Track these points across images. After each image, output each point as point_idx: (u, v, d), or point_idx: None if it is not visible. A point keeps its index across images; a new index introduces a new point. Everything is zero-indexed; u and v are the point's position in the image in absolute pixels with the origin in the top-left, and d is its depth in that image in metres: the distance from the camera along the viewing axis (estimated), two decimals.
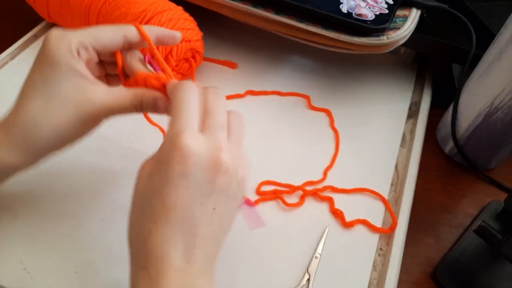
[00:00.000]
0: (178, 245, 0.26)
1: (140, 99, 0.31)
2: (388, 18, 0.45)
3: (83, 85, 0.30)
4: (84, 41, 0.30)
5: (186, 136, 0.26)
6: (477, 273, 0.40)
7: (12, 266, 0.36)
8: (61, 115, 0.30)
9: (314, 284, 0.37)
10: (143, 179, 0.28)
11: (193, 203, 0.26)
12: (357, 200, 0.43)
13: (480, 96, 0.43)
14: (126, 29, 0.32)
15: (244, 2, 0.47)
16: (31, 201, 0.40)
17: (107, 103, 0.30)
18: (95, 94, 0.30)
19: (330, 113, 0.50)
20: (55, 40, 0.30)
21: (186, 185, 0.26)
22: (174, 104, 0.28)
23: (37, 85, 0.30)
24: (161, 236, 0.26)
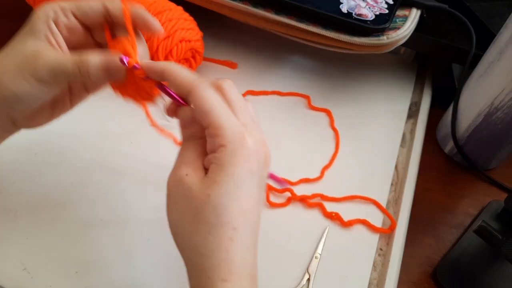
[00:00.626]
0: (252, 249, 0.27)
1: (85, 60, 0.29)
2: (388, 18, 0.45)
3: (40, 44, 0.30)
4: (64, 6, 0.30)
5: (247, 138, 0.26)
6: (477, 273, 0.40)
7: (12, 266, 0.36)
8: (8, 67, 0.29)
9: (314, 284, 0.37)
10: (197, 188, 0.26)
11: (259, 201, 0.27)
12: (356, 201, 0.43)
13: (480, 96, 0.43)
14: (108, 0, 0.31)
15: (244, 2, 0.47)
16: (31, 201, 0.40)
17: (48, 61, 0.29)
18: (45, 52, 0.29)
19: (330, 113, 0.50)
20: (41, 6, 0.30)
21: (254, 183, 0.27)
22: (205, 110, 0.27)
23: (10, 43, 0.31)
24: (241, 242, 0.26)
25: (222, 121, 0.26)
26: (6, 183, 0.41)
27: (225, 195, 0.26)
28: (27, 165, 0.42)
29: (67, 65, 0.29)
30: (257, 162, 0.27)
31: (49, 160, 0.43)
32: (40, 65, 0.29)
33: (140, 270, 0.37)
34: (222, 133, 0.26)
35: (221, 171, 0.26)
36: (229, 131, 0.26)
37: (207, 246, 0.26)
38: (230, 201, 0.26)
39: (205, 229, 0.26)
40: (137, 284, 0.36)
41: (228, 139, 0.26)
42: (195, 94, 0.27)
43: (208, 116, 0.27)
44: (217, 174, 0.26)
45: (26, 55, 0.29)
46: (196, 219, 0.26)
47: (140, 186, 0.42)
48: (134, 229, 0.39)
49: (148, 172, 0.43)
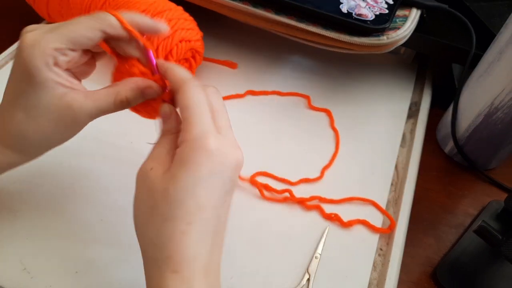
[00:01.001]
0: (207, 245, 0.27)
1: (123, 98, 0.31)
2: (388, 18, 0.45)
3: (61, 93, 0.29)
4: (59, 46, 0.28)
5: (212, 138, 0.27)
6: (477, 273, 0.40)
7: (12, 266, 0.36)
8: (44, 123, 0.30)
9: (314, 284, 0.37)
10: (158, 182, 0.27)
11: (219, 201, 0.27)
12: (356, 201, 0.43)
13: (480, 96, 0.43)
14: (104, 22, 0.29)
15: (244, 2, 0.47)
16: (31, 201, 0.40)
17: (87, 108, 0.30)
18: (74, 101, 0.30)
19: (330, 113, 0.50)
20: (29, 50, 0.28)
21: (216, 184, 0.27)
22: (186, 105, 0.28)
23: (16, 96, 0.30)
24: (195, 237, 0.26)
25: (194, 118, 0.27)
26: (6, 183, 0.41)
27: (181, 190, 0.26)
28: (27, 165, 0.42)
29: (110, 107, 0.31)
30: (223, 165, 0.27)
31: (49, 160, 0.43)
32: (83, 118, 0.30)
33: (140, 270, 0.37)
34: (189, 129, 0.27)
35: (181, 166, 0.27)
36: (197, 129, 0.27)
37: (159, 238, 0.27)
38: (187, 196, 0.26)
39: (159, 221, 0.27)
40: (137, 284, 0.36)
41: (192, 136, 0.27)
42: (184, 89, 0.28)
43: (185, 111, 0.28)
44: (177, 169, 0.27)
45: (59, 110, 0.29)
46: (152, 211, 0.27)
47: None
48: (133, 229, 0.39)
49: None
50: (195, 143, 0.27)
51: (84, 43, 0.29)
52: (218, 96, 0.30)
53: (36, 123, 0.30)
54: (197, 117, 0.27)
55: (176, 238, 0.26)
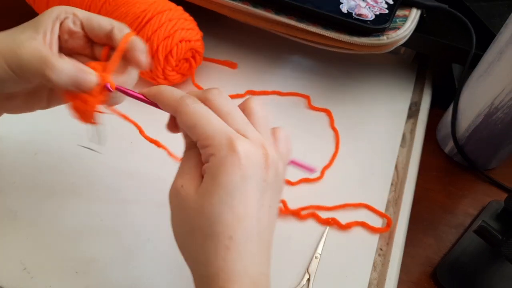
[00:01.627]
0: (253, 256, 0.26)
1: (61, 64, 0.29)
2: (388, 18, 0.45)
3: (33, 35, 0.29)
4: (77, 13, 0.31)
5: (236, 142, 0.26)
6: (477, 273, 0.40)
7: (12, 266, 0.36)
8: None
9: (314, 284, 0.37)
10: (191, 199, 0.26)
11: (257, 206, 0.26)
12: (357, 198, 0.43)
13: (480, 96, 0.43)
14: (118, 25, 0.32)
15: (244, 2, 0.47)
16: (32, 201, 0.40)
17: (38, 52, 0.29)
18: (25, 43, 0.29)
19: (330, 113, 0.50)
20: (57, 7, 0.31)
21: (250, 189, 0.26)
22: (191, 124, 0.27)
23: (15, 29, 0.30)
24: (238, 249, 0.25)
25: (208, 131, 0.26)
26: (6, 183, 0.41)
27: (217, 204, 0.25)
28: (27, 165, 0.42)
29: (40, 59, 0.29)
30: (252, 166, 0.26)
31: (49, 160, 0.43)
32: (24, 55, 0.28)
33: (140, 270, 0.37)
34: (210, 143, 0.26)
35: (212, 180, 0.26)
36: (216, 140, 0.26)
37: (203, 256, 0.26)
38: (223, 210, 0.25)
39: (201, 239, 0.26)
40: (137, 284, 0.36)
41: (216, 148, 0.26)
42: (180, 112, 0.27)
43: (194, 131, 0.27)
44: (209, 184, 0.26)
45: (15, 42, 0.29)
46: (192, 230, 0.26)
47: (140, 186, 0.42)
48: (134, 229, 0.39)
49: (148, 172, 0.43)
50: (221, 153, 0.26)
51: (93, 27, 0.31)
52: (224, 97, 0.29)
53: None
54: (209, 131, 0.26)
55: (220, 254, 0.25)
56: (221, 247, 0.25)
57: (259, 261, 0.26)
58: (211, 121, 0.27)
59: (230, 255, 0.25)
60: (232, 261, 0.25)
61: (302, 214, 0.41)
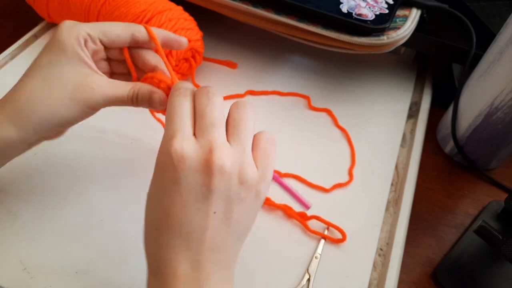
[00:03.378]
0: (181, 252, 0.26)
1: (137, 91, 0.33)
2: (388, 18, 0.45)
3: (85, 71, 0.31)
4: (92, 33, 0.32)
5: (175, 141, 0.26)
6: (477, 273, 0.40)
7: (12, 266, 0.36)
8: (57, 95, 0.30)
9: (314, 284, 0.37)
10: (150, 187, 0.28)
11: (189, 208, 0.26)
12: (357, 198, 0.43)
13: (480, 96, 0.43)
14: (134, 27, 0.34)
15: (244, 2, 0.47)
16: (32, 201, 0.40)
17: (105, 91, 0.32)
18: (95, 81, 0.31)
19: (331, 112, 0.50)
20: (65, 29, 0.31)
21: (179, 190, 0.26)
22: (167, 110, 0.29)
23: (40, 66, 0.31)
24: (163, 243, 0.26)
25: (167, 124, 0.28)
26: (6, 183, 0.41)
27: (152, 196, 0.28)
28: (26, 165, 0.42)
29: (124, 96, 0.32)
30: (185, 169, 0.25)
31: (49, 160, 0.43)
32: (97, 97, 0.31)
33: (140, 270, 0.37)
34: (163, 137, 0.28)
35: (154, 172, 0.28)
36: (166, 136, 0.27)
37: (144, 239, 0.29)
38: (154, 203, 0.27)
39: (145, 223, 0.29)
40: (137, 284, 0.36)
41: (162, 144, 0.27)
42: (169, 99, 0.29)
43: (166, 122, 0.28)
44: (154, 173, 0.28)
45: (77, 86, 0.31)
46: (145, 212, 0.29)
47: (140, 186, 0.42)
48: (134, 229, 0.39)
49: (148, 172, 0.42)
50: (162, 148, 0.27)
51: (114, 39, 0.33)
52: (207, 96, 0.28)
53: (49, 93, 0.30)
54: (170, 120, 0.28)
55: (152, 243, 0.27)
56: (152, 236, 0.27)
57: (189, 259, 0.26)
58: (174, 117, 0.28)
59: (157, 247, 0.27)
60: (159, 253, 0.27)
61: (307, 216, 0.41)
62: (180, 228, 0.26)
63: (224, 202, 0.26)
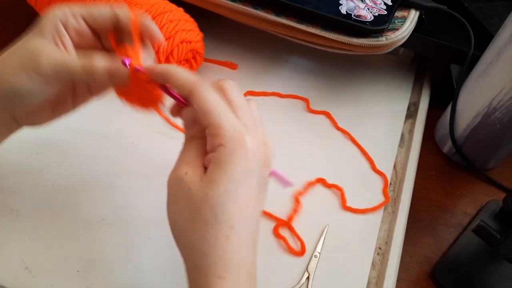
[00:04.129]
0: (250, 248, 0.27)
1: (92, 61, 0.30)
2: (387, 19, 0.46)
3: (44, 42, 0.30)
4: (74, 10, 0.31)
5: (246, 137, 0.27)
6: (476, 272, 0.40)
7: (13, 265, 0.36)
8: (9, 62, 0.30)
9: (313, 282, 0.37)
10: (195, 187, 0.26)
11: (256, 200, 0.27)
12: (358, 196, 0.43)
13: (479, 96, 0.43)
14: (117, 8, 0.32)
15: (244, 4, 0.48)
16: (33, 200, 0.40)
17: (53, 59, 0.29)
18: (48, 49, 0.30)
19: (329, 115, 0.50)
20: (52, 8, 0.31)
21: (252, 182, 0.27)
22: (206, 110, 0.27)
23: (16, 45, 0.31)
24: (239, 241, 0.26)
25: (221, 120, 0.27)
26: (8, 182, 0.41)
27: (223, 194, 0.26)
28: (28, 164, 0.43)
29: (73, 64, 0.29)
30: (256, 162, 0.27)
31: (51, 160, 0.43)
32: (44, 62, 0.29)
33: (142, 269, 0.37)
34: (221, 133, 0.26)
35: (219, 170, 0.26)
36: (228, 131, 0.26)
37: (204, 244, 0.26)
38: (228, 200, 0.26)
39: (203, 227, 0.26)
40: (139, 282, 0.36)
41: (226, 139, 0.26)
42: (196, 94, 0.27)
43: (208, 116, 0.27)
44: (216, 173, 0.26)
45: (30, 51, 0.30)
46: (194, 218, 0.26)
47: (141, 185, 0.42)
48: (135, 228, 0.39)
49: (149, 172, 0.43)
50: (231, 144, 0.26)
51: (96, 17, 0.32)
52: (236, 91, 0.29)
53: (3, 59, 0.30)
54: (224, 120, 0.27)
55: (221, 244, 0.26)
56: (222, 236, 0.26)
57: (252, 253, 0.27)
58: (225, 112, 0.27)
59: (230, 245, 0.26)
60: (231, 251, 0.26)
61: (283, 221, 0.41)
62: (250, 222, 0.27)
63: (265, 191, 0.29)
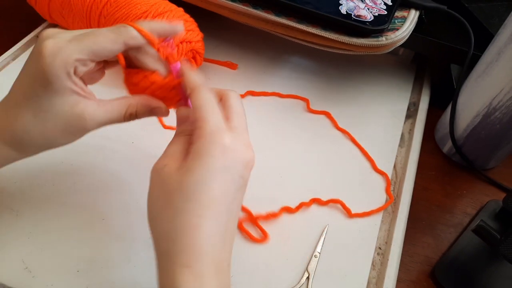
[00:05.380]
0: (219, 241, 0.27)
1: (134, 111, 0.33)
2: (387, 19, 0.46)
3: (74, 101, 0.30)
4: (81, 58, 0.29)
5: (225, 134, 0.28)
6: (476, 272, 0.40)
7: (13, 265, 0.36)
8: (51, 128, 0.30)
9: (313, 282, 0.37)
10: (172, 176, 0.28)
11: (231, 197, 0.28)
12: (359, 196, 0.43)
13: (478, 96, 0.43)
14: (125, 35, 0.30)
15: (244, 4, 0.48)
16: (33, 200, 0.40)
17: (98, 119, 0.31)
18: (87, 109, 0.30)
19: (330, 115, 0.50)
20: (50, 56, 0.28)
21: (228, 179, 0.28)
22: (199, 105, 0.29)
23: (27, 97, 0.29)
24: (207, 231, 0.26)
25: (207, 115, 0.29)
26: (8, 183, 0.41)
27: (195, 182, 0.27)
28: (28, 165, 0.42)
29: (120, 119, 0.32)
30: (235, 161, 0.28)
31: (51, 160, 0.43)
32: (91, 125, 0.31)
33: (141, 269, 0.37)
34: (203, 125, 0.28)
35: (195, 160, 0.27)
36: (210, 125, 0.28)
37: (172, 231, 0.27)
38: (200, 189, 0.27)
39: (173, 213, 0.27)
40: (138, 282, 0.36)
41: (207, 131, 0.28)
42: (196, 91, 0.30)
43: (198, 110, 0.29)
44: (192, 163, 0.27)
45: (69, 117, 0.30)
46: (166, 204, 0.27)
47: (141, 185, 0.42)
48: (135, 228, 0.39)
49: (149, 172, 0.43)
50: (211, 137, 0.28)
51: (106, 55, 0.30)
52: (237, 100, 0.32)
53: (43, 126, 0.30)
54: (210, 115, 0.29)
55: (189, 231, 0.26)
56: (189, 224, 0.26)
57: (224, 247, 0.28)
58: (213, 109, 0.29)
59: (197, 234, 0.26)
60: (198, 240, 0.26)
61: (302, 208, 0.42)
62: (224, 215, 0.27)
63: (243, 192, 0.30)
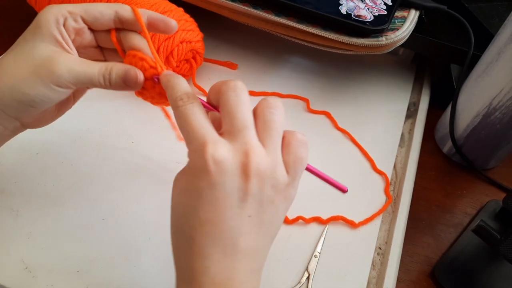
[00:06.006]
0: (218, 260, 0.25)
1: (109, 69, 0.31)
2: (387, 19, 0.46)
3: (54, 49, 0.30)
4: (73, 11, 0.31)
5: (209, 147, 0.25)
6: (476, 272, 0.40)
7: (13, 265, 0.36)
8: (21, 69, 0.29)
9: (313, 282, 0.37)
10: (178, 193, 0.27)
11: (227, 214, 0.25)
12: (358, 196, 0.43)
13: (479, 96, 0.43)
14: (118, 6, 0.32)
15: (244, 4, 0.48)
16: (33, 200, 0.40)
17: (72, 66, 0.30)
18: (62, 56, 0.30)
19: (330, 115, 0.50)
20: (47, 8, 0.31)
21: (216, 196, 0.25)
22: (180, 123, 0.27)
23: (17, 44, 0.31)
24: (199, 251, 0.25)
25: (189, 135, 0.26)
26: (8, 183, 0.41)
27: (185, 206, 0.26)
28: (28, 164, 0.43)
29: (94, 73, 0.30)
30: (222, 173, 0.25)
31: (51, 160, 0.43)
32: (63, 72, 0.30)
33: (141, 269, 0.37)
34: (189, 147, 0.26)
35: (185, 183, 0.27)
36: (193, 145, 0.26)
37: (174, 250, 0.28)
38: (188, 211, 0.26)
39: (173, 234, 0.28)
40: (138, 282, 0.36)
41: (191, 153, 0.26)
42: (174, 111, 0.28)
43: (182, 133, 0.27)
44: (183, 185, 0.27)
45: (42, 60, 0.29)
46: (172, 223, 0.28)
47: (141, 185, 0.42)
48: (135, 228, 0.39)
49: (149, 172, 0.43)
50: (193, 157, 0.26)
51: (96, 15, 0.31)
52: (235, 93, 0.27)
53: (15, 67, 0.30)
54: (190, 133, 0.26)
55: (186, 251, 0.26)
56: (185, 245, 0.26)
57: (225, 266, 0.26)
58: (194, 124, 0.26)
59: (192, 255, 0.26)
60: (194, 261, 0.26)
61: (306, 218, 0.41)
62: (217, 235, 0.25)
63: (258, 205, 0.26)
